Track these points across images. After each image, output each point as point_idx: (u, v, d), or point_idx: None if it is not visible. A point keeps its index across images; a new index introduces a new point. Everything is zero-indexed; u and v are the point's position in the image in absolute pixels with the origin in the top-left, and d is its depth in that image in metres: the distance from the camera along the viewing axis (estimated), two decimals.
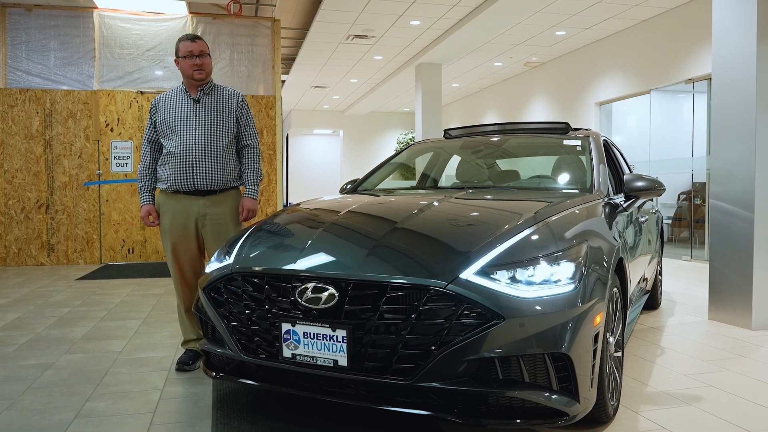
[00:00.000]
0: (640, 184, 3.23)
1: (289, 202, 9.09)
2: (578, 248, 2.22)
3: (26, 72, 7.91)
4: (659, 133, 9.15)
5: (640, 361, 3.40)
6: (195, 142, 3.19)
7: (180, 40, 3.25)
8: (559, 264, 2.11)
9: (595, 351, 2.12)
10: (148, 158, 3.34)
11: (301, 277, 2.21)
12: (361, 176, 4.00)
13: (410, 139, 18.49)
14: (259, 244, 2.58)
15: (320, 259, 2.28)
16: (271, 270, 2.30)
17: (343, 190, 3.99)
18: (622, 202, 3.21)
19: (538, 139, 3.82)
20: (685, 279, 6.60)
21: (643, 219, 3.76)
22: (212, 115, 3.26)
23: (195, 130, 3.21)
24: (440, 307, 2.01)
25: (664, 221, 7.52)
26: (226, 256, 2.60)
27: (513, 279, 2.05)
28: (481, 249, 2.14)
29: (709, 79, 8.08)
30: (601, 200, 2.92)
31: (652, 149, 9.17)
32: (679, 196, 10.26)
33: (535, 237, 2.24)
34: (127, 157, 8.20)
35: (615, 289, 2.49)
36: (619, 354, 2.63)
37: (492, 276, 2.05)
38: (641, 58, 9.27)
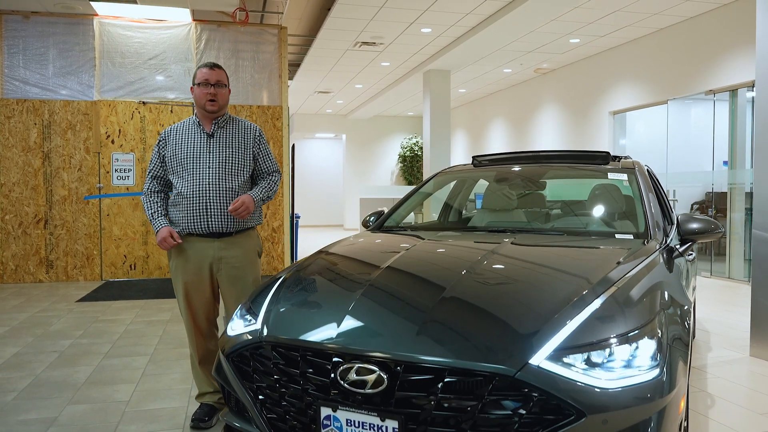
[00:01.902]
0: (695, 226, 2.96)
1: (295, 213, 8.82)
2: (656, 321, 1.95)
3: (24, 81, 7.61)
4: (677, 145, 8.89)
5: (693, 415, 3.14)
6: (209, 181, 2.91)
7: (198, 66, 2.98)
8: (638, 344, 1.84)
9: None
10: (156, 188, 3.05)
11: (342, 354, 1.94)
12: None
13: (414, 144, 18.21)
14: (289, 305, 2.30)
15: (363, 332, 2.01)
16: (307, 344, 2.02)
17: (366, 223, 3.72)
18: (677, 245, 2.94)
19: (579, 171, 3.54)
20: (711, 301, 6.34)
21: (691, 257, 3.49)
22: (228, 151, 2.98)
23: (209, 168, 2.93)
24: (508, 398, 1.74)
25: None
26: (251, 318, 2.33)
27: (589, 364, 1.78)
28: (550, 327, 1.86)
29: (731, 90, 7.83)
30: (660, 249, 2.65)
31: (670, 161, 8.91)
32: (692, 206, 10.02)
33: (607, 309, 1.97)
34: (129, 170, 7.91)
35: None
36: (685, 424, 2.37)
37: (565, 361, 1.78)
38: (658, 67, 9.01)
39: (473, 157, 3.98)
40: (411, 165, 18.27)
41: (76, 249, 7.78)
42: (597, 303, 1.98)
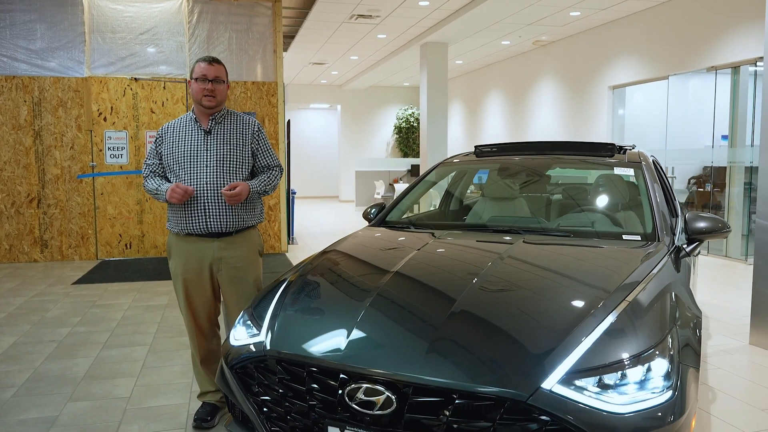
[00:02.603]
0: (703, 225, 2.91)
1: (291, 189, 8.74)
2: (668, 338, 1.92)
3: (11, 57, 7.41)
4: (676, 121, 8.80)
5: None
6: (207, 180, 2.83)
7: (197, 60, 2.87)
8: (651, 364, 1.81)
9: None
10: (155, 173, 2.94)
11: (349, 372, 1.90)
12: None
13: (410, 115, 18.01)
14: (294, 315, 2.25)
15: (371, 349, 1.97)
16: (314, 360, 1.98)
17: (367, 215, 3.65)
18: (684, 245, 2.90)
19: (584, 164, 3.47)
20: (709, 281, 6.35)
21: (697, 253, 3.45)
22: (225, 147, 2.89)
23: (206, 166, 2.85)
24: (519, 422, 1.71)
25: None
26: (255, 328, 2.28)
27: (602, 387, 1.75)
28: (562, 348, 1.83)
29: (733, 67, 7.71)
30: (668, 251, 2.61)
31: (669, 137, 8.84)
32: (689, 180, 9.99)
33: (619, 326, 1.93)
34: (122, 148, 7.78)
35: None
36: None
37: (578, 384, 1.75)
38: (660, 42, 8.85)
39: (475, 147, 3.90)
40: (407, 136, 18.11)
41: (70, 228, 7.70)
42: (609, 320, 1.94)
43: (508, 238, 2.82)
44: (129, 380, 3.59)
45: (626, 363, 1.80)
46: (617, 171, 3.27)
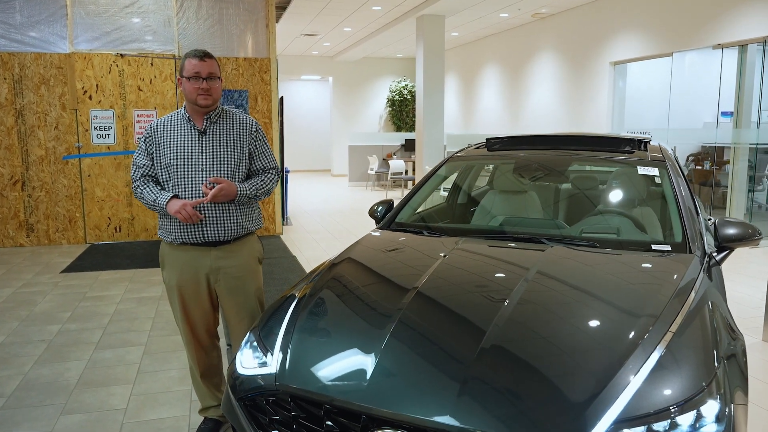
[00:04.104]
0: (733, 232, 2.74)
1: (285, 167, 8.51)
2: (718, 374, 1.76)
3: None
4: (680, 99, 8.61)
5: None
6: (202, 185, 2.61)
7: (186, 56, 2.62)
8: (702, 408, 1.66)
9: None
10: (148, 176, 2.69)
11: (373, 415, 1.74)
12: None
13: (403, 87, 17.65)
14: (307, 343, 2.07)
15: (396, 389, 1.79)
16: (333, 400, 1.81)
17: (373, 213, 3.45)
18: (714, 253, 2.74)
19: (605, 162, 3.27)
20: None
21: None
22: (222, 150, 2.66)
23: (201, 170, 2.62)
24: None
25: None
26: (263, 353, 2.11)
27: None
28: (607, 393, 1.66)
29: (740, 45, 7.50)
30: (703, 265, 2.45)
31: (672, 116, 8.65)
32: (687, 158, 9.86)
33: (666, 364, 1.77)
34: (109, 128, 7.48)
35: None
36: None
37: None
38: (664, 18, 8.60)
39: (487, 139, 3.69)
40: (400, 109, 17.79)
41: (57, 211, 7.44)
42: (654, 357, 1.78)
43: (531, 248, 2.64)
44: (125, 388, 3.42)
45: (676, 408, 1.64)
46: (641, 171, 3.08)
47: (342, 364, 1.95)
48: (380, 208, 3.46)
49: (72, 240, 7.54)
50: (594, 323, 2.01)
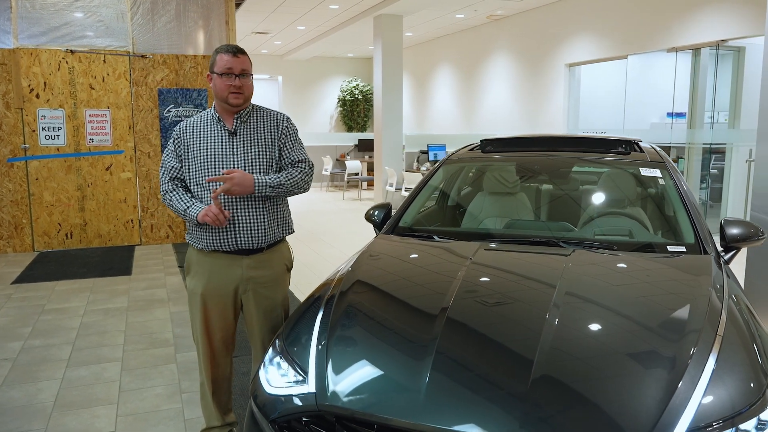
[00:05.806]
0: (738, 232, 2.78)
1: None
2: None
3: None
4: (634, 100, 8.88)
5: None
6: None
7: (217, 51, 2.44)
8: (761, 416, 1.64)
9: None
10: (177, 185, 2.52)
11: None
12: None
13: (354, 87, 17.53)
14: (345, 361, 1.94)
15: (454, 419, 1.67)
16: (387, 420, 1.69)
17: (370, 218, 3.33)
18: (722, 252, 2.78)
19: (606, 164, 3.26)
20: None
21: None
22: (254, 150, 2.50)
23: None
24: None
25: None
26: (295, 371, 1.96)
27: None
28: (667, 418, 1.59)
29: (694, 49, 7.79)
30: (717, 264, 2.46)
31: (627, 116, 8.92)
32: None
33: (718, 380, 1.71)
34: (59, 128, 7.03)
35: None
36: None
37: None
38: (619, 21, 8.84)
39: (481, 141, 3.64)
40: (351, 109, 17.66)
41: (1, 218, 6.93)
42: (710, 366, 1.74)
43: (553, 253, 2.57)
44: (109, 409, 3.17)
45: (738, 418, 1.62)
46: (644, 172, 3.10)
47: (384, 384, 1.84)
48: (377, 212, 3.35)
49: (18, 248, 7.04)
50: (640, 338, 1.95)
